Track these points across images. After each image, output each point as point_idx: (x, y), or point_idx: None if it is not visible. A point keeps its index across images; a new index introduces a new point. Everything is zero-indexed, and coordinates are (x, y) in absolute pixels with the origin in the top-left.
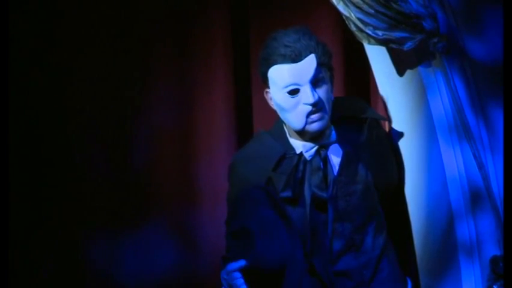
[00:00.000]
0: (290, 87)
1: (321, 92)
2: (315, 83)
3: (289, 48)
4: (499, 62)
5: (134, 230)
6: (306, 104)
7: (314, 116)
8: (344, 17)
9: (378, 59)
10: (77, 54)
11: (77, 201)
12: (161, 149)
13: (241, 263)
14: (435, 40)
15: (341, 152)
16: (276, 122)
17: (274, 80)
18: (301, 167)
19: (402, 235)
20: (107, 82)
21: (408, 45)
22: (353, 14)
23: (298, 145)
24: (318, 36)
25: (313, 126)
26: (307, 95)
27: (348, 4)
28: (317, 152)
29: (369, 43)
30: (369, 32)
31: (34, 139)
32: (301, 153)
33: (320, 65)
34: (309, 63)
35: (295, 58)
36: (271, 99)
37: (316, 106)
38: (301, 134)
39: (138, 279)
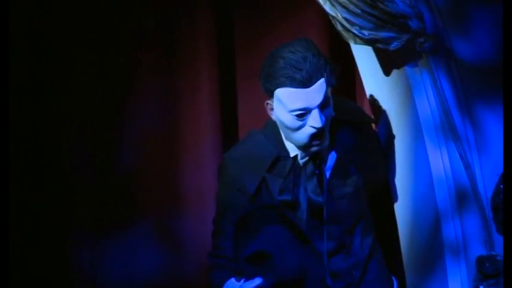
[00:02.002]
0: (299, 112)
1: (327, 112)
2: (322, 106)
3: (300, 73)
4: (486, 62)
5: (120, 232)
6: (312, 126)
7: (317, 141)
8: (330, 17)
9: (364, 58)
10: (64, 57)
11: (62, 204)
12: (147, 151)
13: (257, 282)
14: (421, 40)
15: (333, 155)
16: (268, 122)
17: (281, 100)
18: (297, 170)
19: (388, 235)
20: (92, 85)
21: (394, 45)
22: (339, 14)
23: (293, 147)
24: (304, 36)
25: (315, 149)
26: (315, 119)
27: (335, 4)
28: (312, 157)
29: (356, 43)
30: (356, 32)
31: (18, 142)
32: (296, 156)
33: (327, 87)
34: (319, 88)
35: (306, 83)
36: (271, 109)
37: (322, 128)
38: (300, 148)
39: (124, 282)
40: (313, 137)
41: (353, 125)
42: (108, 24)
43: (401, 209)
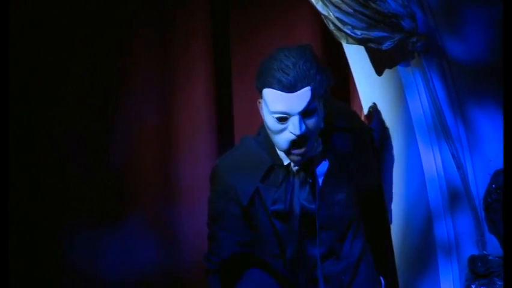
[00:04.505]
0: (279, 115)
1: (310, 122)
2: (305, 114)
3: (286, 77)
4: (478, 62)
5: (114, 226)
6: (291, 133)
7: (297, 151)
8: (323, 16)
9: (356, 58)
10: (58, 54)
11: (57, 198)
12: (141, 146)
13: None
14: (414, 39)
15: (326, 161)
16: (261, 128)
17: (266, 101)
18: (290, 179)
19: (380, 235)
20: (87, 80)
21: (386, 45)
22: (331, 13)
23: (285, 155)
24: (298, 34)
25: (294, 158)
26: (294, 126)
27: (327, 3)
28: (304, 165)
29: (348, 42)
30: (348, 32)
31: (12, 137)
32: (289, 164)
33: (313, 97)
34: (303, 95)
35: (290, 88)
36: (262, 109)
37: (302, 137)
38: (284, 153)
39: (118, 275)
40: (292, 143)
41: (347, 131)
42: (103, 21)
43: (394, 209)
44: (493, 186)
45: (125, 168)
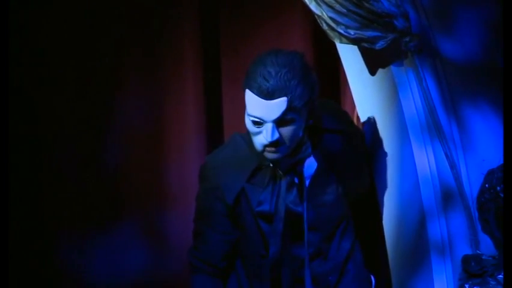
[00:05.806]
0: (254, 119)
1: (285, 131)
2: (279, 123)
3: (265, 83)
4: (471, 61)
5: (105, 230)
6: (264, 138)
7: (271, 153)
8: (316, 16)
9: (350, 58)
10: (51, 59)
11: (48, 202)
12: (132, 150)
13: None
14: (407, 39)
15: (314, 163)
16: None
17: (246, 101)
18: (277, 180)
19: (373, 235)
20: (78, 84)
21: (380, 44)
22: (324, 13)
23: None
24: (289, 36)
25: (269, 155)
26: (267, 133)
27: (320, 3)
28: (292, 166)
29: (341, 42)
30: (341, 31)
31: (5, 139)
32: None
33: (289, 108)
34: (279, 105)
35: (267, 95)
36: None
37: (274, 145)
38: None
39: (111, 279)
40: (265, 147)
41: (337, 133)
42: (94, 26)
43: (387, 208)
44: (486, 185)
45: (116, 172)
